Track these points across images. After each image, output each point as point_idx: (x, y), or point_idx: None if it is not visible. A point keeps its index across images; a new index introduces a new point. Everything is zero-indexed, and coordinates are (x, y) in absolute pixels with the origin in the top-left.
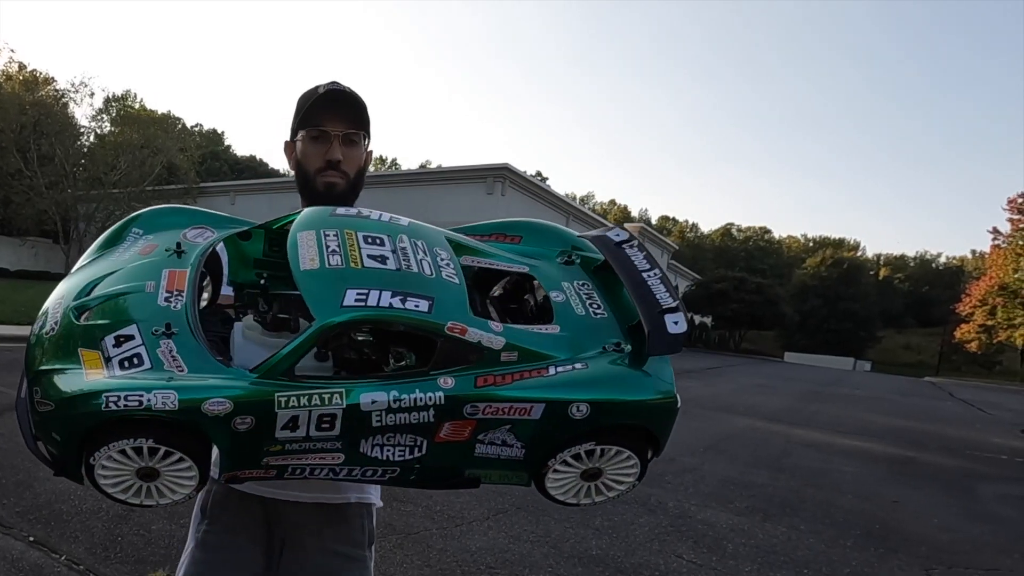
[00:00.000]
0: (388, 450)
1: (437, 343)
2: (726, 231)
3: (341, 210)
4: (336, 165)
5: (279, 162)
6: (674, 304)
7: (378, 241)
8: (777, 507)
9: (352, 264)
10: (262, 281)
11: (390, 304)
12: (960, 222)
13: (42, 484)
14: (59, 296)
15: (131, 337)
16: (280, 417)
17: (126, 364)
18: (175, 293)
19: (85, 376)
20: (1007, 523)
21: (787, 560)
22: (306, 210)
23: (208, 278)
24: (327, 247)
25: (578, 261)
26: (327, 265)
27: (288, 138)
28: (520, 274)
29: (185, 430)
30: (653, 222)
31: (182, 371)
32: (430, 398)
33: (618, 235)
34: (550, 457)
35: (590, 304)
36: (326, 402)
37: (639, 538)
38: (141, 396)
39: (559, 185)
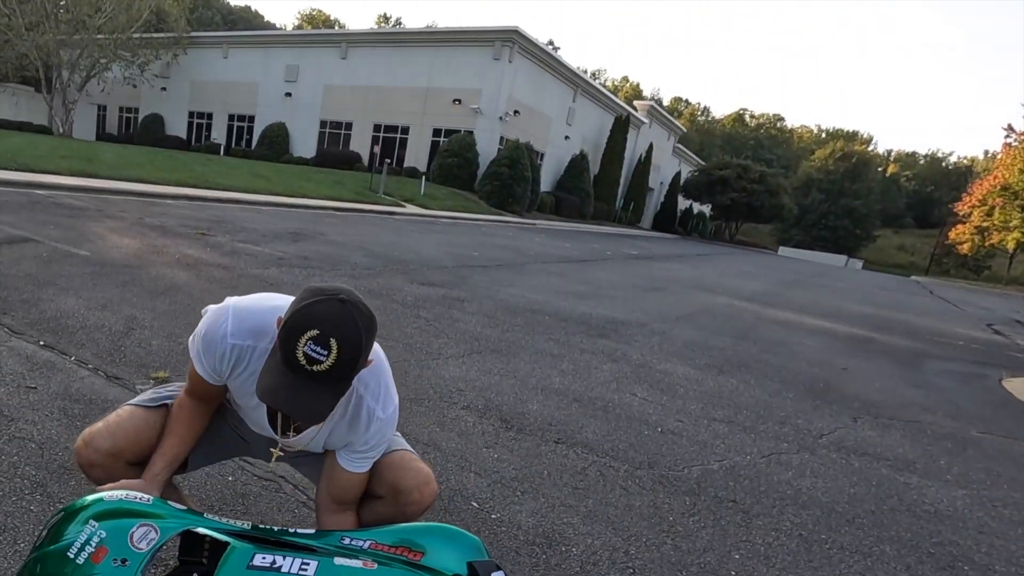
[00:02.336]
0: None
1: None
2: (738, 117)
3: (258, 559)
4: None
5: (275, 14)
6: None
7: None
8: (733, 366)
9: None
10: None
11: None
12: (978, 122)
13: (47, 303)
14: None
15: None
16: None
17: None
18: None
19: None
20: (940, 390)
21: (730, 403)
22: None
23: None
24: None
25: None
26: None
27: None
28: None
29: None
30: (665, 103)
31: None
32: None
33: None
34: None
35: None
36: None
37: (600, 379)
38: None
39: (571, 57)
